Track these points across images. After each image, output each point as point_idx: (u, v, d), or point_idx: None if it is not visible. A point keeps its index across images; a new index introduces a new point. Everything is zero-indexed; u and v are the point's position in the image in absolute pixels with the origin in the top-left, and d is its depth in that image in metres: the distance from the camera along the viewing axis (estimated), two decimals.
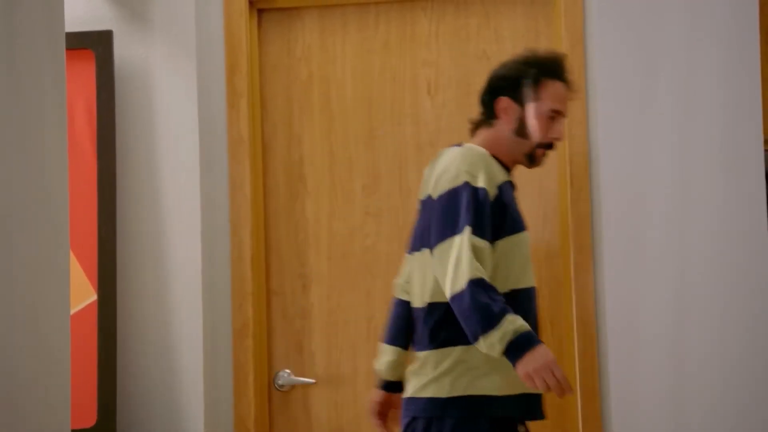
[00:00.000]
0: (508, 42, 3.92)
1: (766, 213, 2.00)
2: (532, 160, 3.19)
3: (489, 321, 2.82)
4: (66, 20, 2.69)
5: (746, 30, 2.05)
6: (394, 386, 3.26)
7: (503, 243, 3.03)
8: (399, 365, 3.25)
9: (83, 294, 3.67)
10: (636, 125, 2.08)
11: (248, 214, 3.88)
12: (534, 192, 3.85)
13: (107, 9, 3.82)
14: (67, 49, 2.69)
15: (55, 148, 2.56)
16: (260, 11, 4.00)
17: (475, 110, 3.23)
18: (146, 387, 3.71)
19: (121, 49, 3.80)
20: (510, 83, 3.19)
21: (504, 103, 3.18)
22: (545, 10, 3.91)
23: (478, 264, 2.87)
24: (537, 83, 3.16)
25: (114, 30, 3.79)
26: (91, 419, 3.60)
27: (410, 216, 3.89)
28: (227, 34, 3.92)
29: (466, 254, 2.87)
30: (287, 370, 3.90)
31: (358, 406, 3.86)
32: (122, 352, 3.70)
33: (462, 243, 2.89)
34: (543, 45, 3.90)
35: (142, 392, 3.71)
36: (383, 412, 3.29)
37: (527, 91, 3.17)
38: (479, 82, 3.89)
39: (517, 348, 2.81)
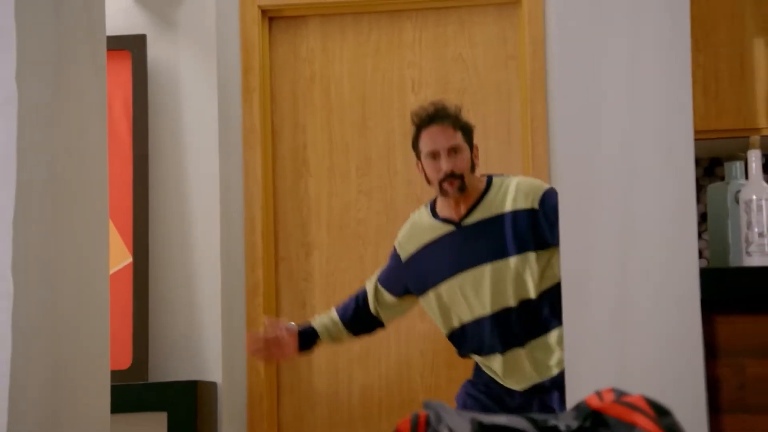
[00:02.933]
0: (480, 47, 3.93)
1: (694, 189, 2.04)
2: (443, 193, 3.04)
3: None
4: (107, 25, 2.69)
5: (679, 37, 2.07)
6: (306, 338, 3.20)
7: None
8: (326, 332, 3.21)
9: (120, 257, 3.68)
10: (590, 118, 2.09)
11: (259, 192, 3.89)
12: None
13: (142, 16, 3.82)
14: (108, 50, 2.69)
15: (96, 133, 2.56)
16: (271, 19, 4.00)
17: (451, 104, 3.24)
18: (173, 336, 3.73)
19: (153, 51, 3.80)
20: (413, 149, 3.12)
21: (418, 167, 3.11)
22: (512, 20, 3.92)
23: None
24: (417, 138, 3.07)
25: (147, 34, 3.79)
26: (126, 362, 3.62)
27: (397, 193, 3.90)
28: (242, 38, 3.92)
29: None
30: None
31: (351, 353, 3.88)
32: (153, 307, 3.72)
33: None
34: (510, 50, 3.91)
35: (169, 340, 3.72)
36: (277, 343, 3.16)
37: (417, 150, 3.09)
38: (456, 80, 3.91)
39: None
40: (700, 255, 3.78)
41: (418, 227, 3.15)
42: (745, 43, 3.73)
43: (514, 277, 3.00)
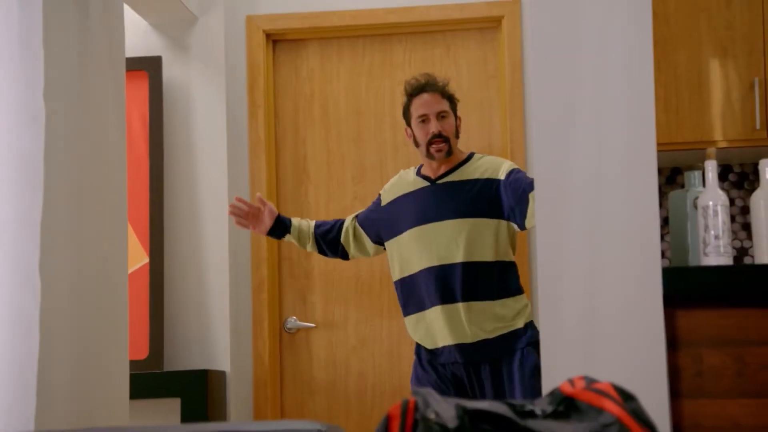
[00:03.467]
0: (464, 68, 3.93)
1: (657, 195, 2.05)
2: (430, 156, 3.14)
3: None
4: (126, 47, 2.69)
5: (642, 58, 2.08)
6: (280, 225, 3.28)
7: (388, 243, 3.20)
8: (297, 230, 3.29)
9: (138, 258, 3.68)
10: (563, 132, 2.10)
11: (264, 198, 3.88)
12: None
13: (158, 40, 3.82)
14: (127, 70, 2.69)
15: (116, 145, 2.57)
16: (274, 42, 4.00)
17: (440, 77, 3.29)
18: (186, 329, 3.72)
19: (168, 71, 3.80)
20: (404, 116, 3.22)
21: (407, 132, 3.22)
22: (492, 43, 3.93)
23: None
24: (408, 106, 3.18)
25: (163, 56, 3.79)
26: (144, 353, 3.61)
27: None
28: (248, 60, 3.92)
29: None
30: (294, 317, 3.91)
31: (348, 344, 3.88)
32: (168, 303, 3.71)
33: None
34: (490, 70, 3.92)
35: (183, 333, 3.72)
36: (256, 215, 3.26)
37: (407, 116, 3.19)
38: None
39: None
40: (663, 255, 3.79)
41: (402, 180, 3.25)
42: (702, 65, 3.75)
43: (468, 237, 3.05)
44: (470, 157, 3.20)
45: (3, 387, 1.87)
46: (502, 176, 3.10)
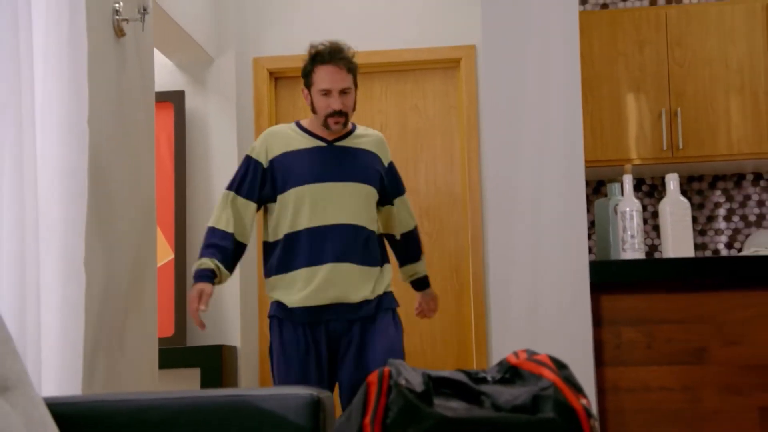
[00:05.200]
0: (429, 99, 3.94)
1: (585, 203, 2.06)
2: (326, 127, 2.61)
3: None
4: (155, 83, 2.68)
5: (572, 93, 2.09)
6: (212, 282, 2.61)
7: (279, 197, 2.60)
8: (219, 277, 2.65)
9: (165, 254, 3.66)
10: (510, 152, 2.11)
11: None
12: (444, 221, 3.87)
13: (181, 76, 3.80)
14: (156, 101, 2.68)
15: (147, 162, 2.56)
16: (276, 78, 3.99)
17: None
18: (205, 313, 3.69)
19: (189, 102, 3.79)
20: (303, 76, 2.64)
21: (303, 92, 2.67)
22: (453, 79, 3.94)
23: None
24: (311, 72, 2.60)
25: (185, 90, 3.78)
26: (170, 331, 3.59)
27: None
28: (255, 93, 3.91)
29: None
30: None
31: None
32: (190, 291, 3.69)
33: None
34: (451, 101, 3.93)
35: (202, 315, 3.69)
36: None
37: (308, 81, 2.62)
38: (412, 123, 3.92)
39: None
40: (590, 251, 3.82)
41: (281, 136, 2.65)
42: (621, 98, 3.79)
43: (364, 202, 2.59)
44: (355, 128, 2.70)
45: (56, 360, 1.86)
46: (385, 162, 2.68)
